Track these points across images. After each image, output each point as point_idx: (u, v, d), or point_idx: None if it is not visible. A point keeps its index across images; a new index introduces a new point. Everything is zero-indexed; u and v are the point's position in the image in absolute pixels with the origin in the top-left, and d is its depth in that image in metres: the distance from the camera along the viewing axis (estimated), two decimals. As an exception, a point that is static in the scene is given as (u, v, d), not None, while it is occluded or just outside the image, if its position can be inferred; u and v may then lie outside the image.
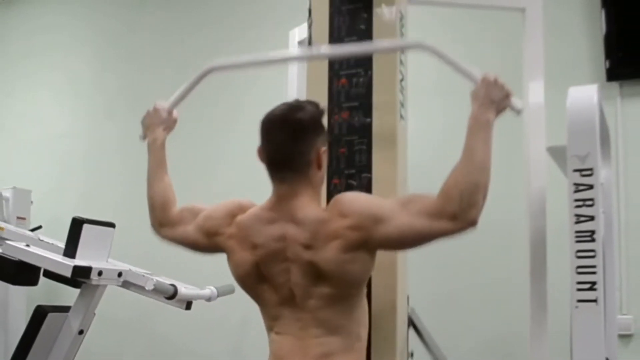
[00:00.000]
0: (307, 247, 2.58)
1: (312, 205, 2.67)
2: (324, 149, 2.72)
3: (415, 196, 2.60)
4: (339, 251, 2.54)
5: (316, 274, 2.58)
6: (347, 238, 2.53)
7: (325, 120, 2.81)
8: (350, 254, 2.54)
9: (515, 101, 2.72)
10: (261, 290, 2.74)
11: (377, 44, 3.27)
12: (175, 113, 3.35)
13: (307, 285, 2.61)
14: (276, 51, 3.51)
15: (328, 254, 2.54)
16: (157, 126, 3.27)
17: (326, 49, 3.35)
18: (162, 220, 3.06)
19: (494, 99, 2.64)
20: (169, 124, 3.32)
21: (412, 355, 3.36)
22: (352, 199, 2.66)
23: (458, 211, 2.42)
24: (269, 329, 2.78)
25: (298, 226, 2.61)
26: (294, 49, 4.13)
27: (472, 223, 2.45)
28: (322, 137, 2.75)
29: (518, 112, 2.76)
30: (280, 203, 2.67)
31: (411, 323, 3.47)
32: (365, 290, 2.75)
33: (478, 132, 2.56)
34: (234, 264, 2.77)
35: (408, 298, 3.34)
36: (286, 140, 2.65)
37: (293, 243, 2.61)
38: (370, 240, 2.54)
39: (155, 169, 3.17)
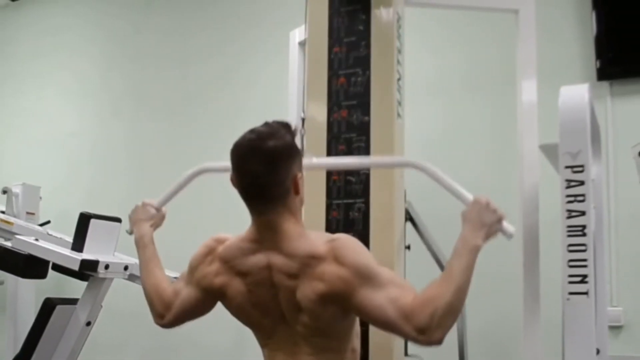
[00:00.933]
0: (291, 277, 2.50)
1: (299, 235, 2.56)
2: (300, 174, 2.57)
3: (401, 283, 2.51)
4: (318, 294, 2.44)
5: (296, 304, 2.51)
6: (331, 285, 2.43)
7: (298, 141, 2.66)
8: (326, 301, 2.46)
9: (506, 226, 2.61)
10: (255, 316, 2.66)
11: (373, 160, 3.25)
12: (163, 209, 3.23)
13: (292, 313, 2.55)
14: None
15: (307, 291, 2.46)
16: (144, 222, 3.14)
17: (318, 160, 3.28)
18: (160, 309, 2.93)
19: (485, 223, 2.55)
20: (157, 220, 3.19)
21: (409, 247, 3.37)
22: (354, 250, 2.52)
23: (426, 328, 2.34)
24: (263, 345, 2.73)
25: (286, 258, 2.51)
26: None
27: (437, 342, 2.37)
28: (298, 161, 2.59)
29: (509, 237, 2.64)
30: (262, 234, 2.57)
31: (408, 216, 3.47)
32: (353, 321, 2.68)
33: (463, 256, 2.47)
34: (230, 298, 2.67)
35: (405, 192, 3.38)
36: (260, 172, 2.48)
37: (277, 272, 2.52)
38: (349, 298, 2.43)
39: (146, 265, 3.06)
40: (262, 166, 2.47)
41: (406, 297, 2.39)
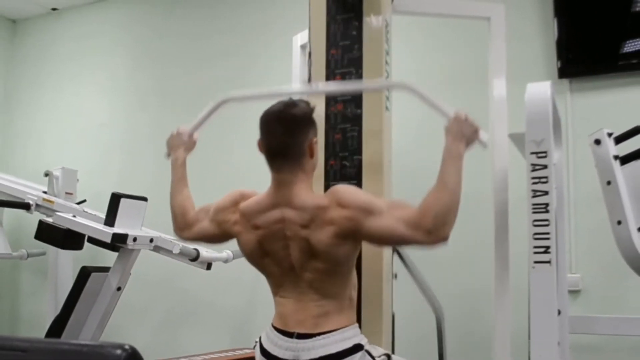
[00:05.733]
0: (304, 227, 2.58)
1: (308, 192, 2.67)
2: (315, 139, 2.71)
3: (400, 204, 2.58)
4: (332, 236, 2.54)
5: (310, 251, 2.59)
6: (341, 226, 2.53)
7: (317, 115, 2.79)
8: (340, 239, 2.55)
9: (482, 135, 2.71)
10: (265, 263, 2.76)
11: (368, 83, 3.27)
12: (195, 136, 3.32)
13: (303, 260, 2.63)
14: (280, 87, 3.50)
15: (321, 236, 2.55)
16: (179, 147, 3.26)
17: (323, 86, 3.32)
18: (181, 225, 3.05)
19: (464, 134, 2.65)
20: (189, 145, 3.30)
21: (395, 276, 3.37)
22: (352, 192, 2.63)
23: (432, 228, 2.43)
24: (274, 293, 2.81)
25: (296, 210, 2.60)
26: (296, 85, 4.09)
27: (444, 239, 2.47)
28: (313, 129, 2.73)
29: (485, 145, 2.75)
30: (279, 189, 2.66)
31: (395, 250, 3.46)
32: (354, 266, 2.76)
33: (451, 163, 2.57)
34: (242, 244, 2.80)
35: None
36: (283, 133, 2.64)
37: (291, 224, 2.61)
38: (358, 231, 2.54)
39: (176, 183, 3.16)
40: (285, 128, 2.64)
41: (408, 212, 2.50)
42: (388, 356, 2.70)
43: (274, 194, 2.68)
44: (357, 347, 2.62)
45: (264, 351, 2.71)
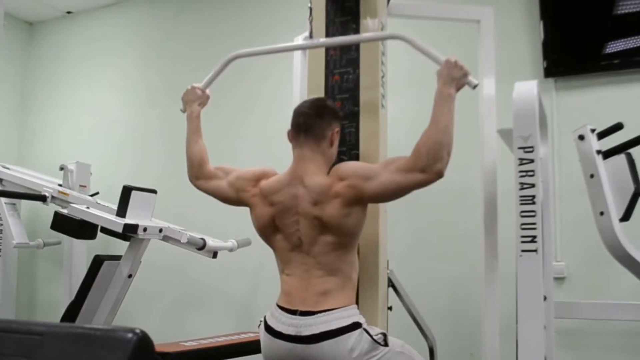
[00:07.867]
0: (315, 204, 2.69)
1: (319, 173, 2.77)
2: (337, 129, 2.88)
3: (393, 158, 2.67)
4: (340, 207, 2.65)
5: (321, 225, 2.69)
6: (345, 196, 2.64)
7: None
8: (348, 208, 2.65)
9: (471, 79, 2.74)
10: (276, 238, 2.84)
11: (364, 35, 3.27)
12: (207, 91, 3.42)
13: (313, 235, 2.71)
14: (283, 44, 3.56)
15: (331, 211, 2.66)
16: (193, 102, 3.34)
17: (322, 40, 3.35)
18: (198, 174, 3.11)
19: (454, 77, 2.70)
20: (203, 100, 3.39)
21: (390, 308, 3.37)
22: (348, 165, 2.77)
23: (426, 165, 2.51)
24: (281, 271, 2.87)
25: (307, 189, 2.71)
26: (298, 41, 4.08)
27: (439, 174, 2.52)
28: (337, 122, 2.93)
29: (474, 87, 2.77)
30: (297, 164, 2.81)
31: (390, 283, 3.46)
32: (358, 241, 2.82)
33: (442, 104, 2.62)
34: (255, 217, 2.88)
35: (388, 262, 3.34)
36: (311, 114, 2.85)
37: (303, 201, 2.72)
38: (362, 196, 2.64)
39: (192, 134, 3.22)
40: (313, 111, 2.88)
41: (402, 161, 2.60)
42: (385, 335, 2.72)
43: (292, 170, 2.81)
44: (356, 325, 2.66)
45: (268, 328, 2.76)
